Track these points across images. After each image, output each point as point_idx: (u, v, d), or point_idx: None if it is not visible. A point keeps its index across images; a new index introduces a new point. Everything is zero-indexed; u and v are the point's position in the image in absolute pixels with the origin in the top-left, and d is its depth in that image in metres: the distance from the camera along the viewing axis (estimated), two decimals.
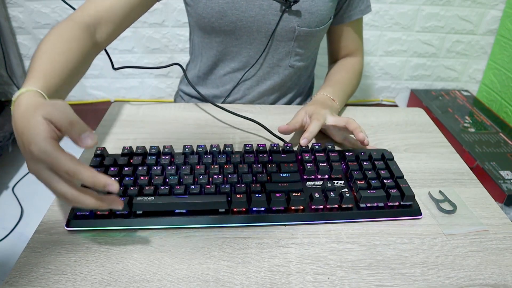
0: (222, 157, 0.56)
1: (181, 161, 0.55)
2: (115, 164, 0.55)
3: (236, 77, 0.82)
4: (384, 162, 0.58)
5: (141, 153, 0.57)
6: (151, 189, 0.50)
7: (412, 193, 0.52)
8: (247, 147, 0.59)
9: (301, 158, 0.57)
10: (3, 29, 1.44)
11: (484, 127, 1.45)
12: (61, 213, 0.51)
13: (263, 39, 0.76)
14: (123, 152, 0.57)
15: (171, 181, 0.52)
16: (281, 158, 0.57)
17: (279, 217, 0.50)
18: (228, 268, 0.45)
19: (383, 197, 0.52)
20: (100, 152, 0.57)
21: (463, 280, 0.45)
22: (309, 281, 0.44)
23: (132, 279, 0.43)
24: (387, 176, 0.55)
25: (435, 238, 0.50)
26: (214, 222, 0.50)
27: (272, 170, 0.54)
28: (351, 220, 0.52)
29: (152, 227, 0.49)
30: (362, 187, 0.53)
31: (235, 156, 0.56)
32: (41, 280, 0.42)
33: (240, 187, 0.51)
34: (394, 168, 0.56)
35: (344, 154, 0.59)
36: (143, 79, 1.63)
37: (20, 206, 1.38)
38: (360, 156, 0.58)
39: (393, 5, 1.49)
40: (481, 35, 1.58)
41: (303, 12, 0.73)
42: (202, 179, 0.52)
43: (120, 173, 0.54)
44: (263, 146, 0.59)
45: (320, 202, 0.51)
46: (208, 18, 0.73)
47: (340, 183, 0.55)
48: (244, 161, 0.56)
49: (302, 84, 0.90)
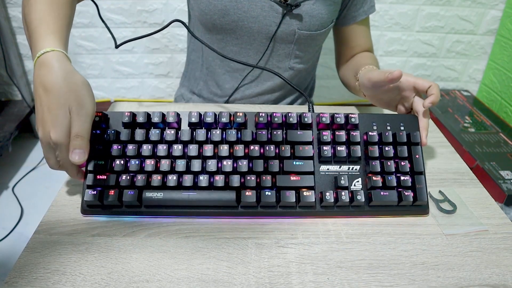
0: (232, 133, 0.52)
1: (188, 137, 0.52)
2: (117, 140, 0.52)
3: (236, 77, 0.82)
4: (408, 148, 0.54)
5: (143, 123, 0.53)
6: (159, 180, 0.50)
7: (426, 198, 0.52)
8: (260, 116, 0.53)
9: (319, 136, 0.53)
10: (3, 29, 1.44)
11: (484, 127, 1.45)
12: (61, 213, 0.51)
13: (263, 40, 0.76)
14: (124, 120, 0.53)
15: (178, 168, 0.51)
16: (296, 136, 0.53)
17: (287, 212, 0.51)
18: (227, 269, 0.45)
19: (395, 201, 0.51)
20: (97, 119, 0.52)
21: (463, 280, 0.44)
22: (309, 281, 0.44)
23: (132, 280, 0.43)
24: (406, 171, 0.52)
25: (434, 238, 0.50)
26: (222, 215, 0.51)
27: (285, 154, 0.52)
28: (358, 216, 0.52)
29: (162, 218, 0.51)
30: (376, 185, 0.51)
31: (246, 131, 0.53)
32: (41, 281, 0.42)
33: (250, 179, 0.50)
34: (416, 159, 0.53)
35: (367, 133, 0.54)
36: (143, 79, 1.63)
37: (20, 206, 1.38)
38: (384, 137, 0.54)
39: (393, 5, 1.49)
40: (481, 35, 1.58)
41: (304, 16, 0.73)
42: (211, 165, 0.51)
43: (124, 153, 0.51)
44: (278, 115, 0.54)
45: (330, 203, 0.51)
46: (210, 15, 0.73)
47: (355, 169, 0.53)
48: (256, 138, 0.53)
49: (303, 86, 0.90)
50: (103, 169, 0.51)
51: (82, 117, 0.46)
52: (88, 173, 0.51)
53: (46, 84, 0.46)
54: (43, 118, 0.46)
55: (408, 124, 0.56)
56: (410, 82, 0.58)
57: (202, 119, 0.54)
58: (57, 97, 0.46)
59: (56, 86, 0.46)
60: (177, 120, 0.54)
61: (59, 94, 0.46)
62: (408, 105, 0.62)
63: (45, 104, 0.46)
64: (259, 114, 0.54)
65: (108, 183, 0.50)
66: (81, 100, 0.47)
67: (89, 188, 0.50)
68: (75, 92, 0.47)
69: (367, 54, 0.84)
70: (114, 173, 0.51)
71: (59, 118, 0.45)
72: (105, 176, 0.50)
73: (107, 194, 0.50)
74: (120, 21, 1.47)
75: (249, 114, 0.55)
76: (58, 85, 0.46)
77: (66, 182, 0.56)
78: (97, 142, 0.52)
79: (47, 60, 0.47)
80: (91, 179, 0.50)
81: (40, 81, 0.47)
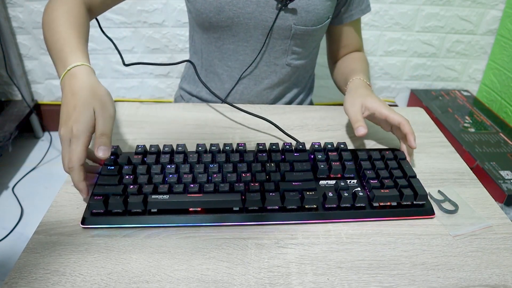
0: (236, 156, 0.56)
1: (195, 159, 0.56)
2: (129, 163, 0.56)
3: (234, 76, 0.82)
4: (396, 161, 0.58)
5: (154, 152, 0.57)
6: (165, 187, 0.51)
7: (425, 192, 0.52)
8: (260, 146, 0.59)
9: (314, 157, 0.58)
10: (3, 29, 1.44)
11: (484, 127, 1.45)
12: (61, 214, 0.51)
13: (259, 36, 0.76)
14: (137, 150, 0.57)
15: (185, 180, 0.52)
16: (294, 157, 0.57)
17: (292, 215, 0.51)
18: (227, 269, 0.45)
19: (396, 196, 0.52)
20: (113, 150, 0.57)
21: (463, 281, 0.44)
22: (309, 281, 0.44)
23: (132, 280, 0.43)
24: (400, 176, 0.55)
25: (434, 238, 0.50)
26: (228, 220, 0.50)
27: (285, 169, 0.55)
28: (364, 219, 0.52)
29: (167, 225, 0.50)
30: (375, 186, 0.53)
31: (249, 155, 0.57)
32: (40, 281, 0.42)
33: (254, 185, 0.52)
34: (406, 167, 0.56)
35: (356, 153, 0.60)
36: (143, 79, 1.63)
37: (20, 206, 1.38)
38: (373, 155, 0.58)
39: (393, 5, 1.49)
40: (481, 35, 1.58)
41: (300, 11, 0.73)
42: (217, 177, 0.53)
43: (134, 172, 0.54)
44: (276, 145, 0.59)
45: (333, 201, 0.51)
46: (206, 14, 0.74)
47: (353, 182, 0.55)
48: (258, 159, 0.57)
49: (302, 84, 0.90)
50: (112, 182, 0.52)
51: (106, 118, 0.50)
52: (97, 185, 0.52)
53: (74, 89, 0.51)
54: (67, 115, 0.49)
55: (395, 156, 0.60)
56: (383, 115, 0.62)
57: (208, 149, 0.58)
58: (83, 98, 0.50)
59: (84, 90, 0.51)
60: (185, 150, 0.58)
61: (86, 96, 0.50)
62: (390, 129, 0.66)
63: (71, 104, 0.49)
64: (259, 144, 0.59)
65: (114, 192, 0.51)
66: (104, 104, 0.51)
67: (95, 195, 0.50)
68: (99, 97, 0.51)
69: (357, 56, 0.86)
70: (122, 185, 0.52)
71: (83, 114, 0.48)
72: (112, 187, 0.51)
73: (113, 198, 0.49)
74: (120, 21, 1.47)
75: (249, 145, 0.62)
76: (86, 90, 0.51)
77: (66, 182, 0.56)
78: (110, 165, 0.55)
79: (77, 72, 0.53)
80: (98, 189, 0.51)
81: (69, 89, 0.51)
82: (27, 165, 1.57)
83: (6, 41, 1.46)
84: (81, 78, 0.52)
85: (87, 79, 0.52)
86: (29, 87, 1.63)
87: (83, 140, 0.47)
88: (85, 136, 0.48)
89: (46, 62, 1.58)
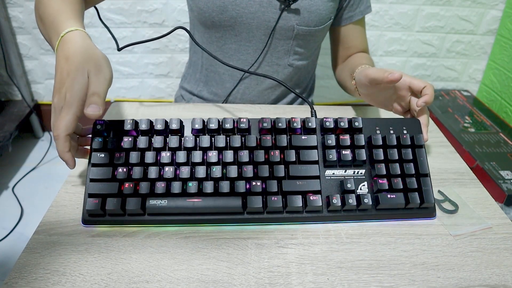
0: (236, 139, 0.52)
1: (192, 144, 0.52)
2: (119, 148, 0.51)
3: (236, 76, 0.82)
4: (412, 151, 0.54)
5: (146, 130, 0.52)
6: (163, 187, 0.49)
7: (432, 200, 0.51)
8: (264, 122, 0.53)
9: (323, 141, 0.53)
10: (3, 29, 1.44)
11: (484, 127, 1.45)
12: (61, 214, 0.51)
13: (262, 36, 0.76)
14: (126, 128, 0.52)
15: (183, 175, 0.50)
16: (301, 140, 0.52)
17: (293, 218, 0.50)
18: (227, 269, 0.45)
19: (402, 204, 0.51)
20: (99, 127, 0.52)
21: (463, 281, 0.44)
22: (309, 281, 0.44)
23: (132, 280, 0.43)
24: (411, 173, 0.52)
25: (435, 238, 0.50)
26: (228, 222, 0.50)
27: (290, 159, 0.51)
28: (365, 220, 0.52)
29: (166, 226, 0.50)
30: (383, 188, 0.51)
31: (251, 137, 0.52)
32: (40, 281, 0.42)
33: (256, 185, 0.50)
34: (421, 160, 0.53)
35: (370, 136, 0.54)
36: (143, 79, 1.63)
37: (20, 206, 1.38)
38: (388, 140, 0.54)
39: (393, 5, 1.49)
40: (481, 35, 1.58)
41: (302, 11, 0.73)
42: (216, 171, 0.50)
43: (127, 160, 0.51)
44: (282, 121, 0.54)
45: (337, 207, 0.50)
46: (208, 13, 0.74)
47: (361, 173, 0.53)
48: (261, 144, 0.52)
49: (303, 84, 0.90)
50: (105, 177, 0.50)
51: (100, 79, 0.47)
52: (90, 182, 0.50)
53: (68, 54, 0.48)
54: (61, 82, 0.46)
55: (411, 128, 0.56)
56: (406, 82, 0.58)
57: (206, 125, 0.53)
58: (77, 63, 0.47)
59: (78, 55, 0.48)
60: (180, 126, 0.53)
61: (80, 60, 0.47)
62: (404, 104, 0.62)
63: (65, 70, 0.47)
64: (263, 120, 0.53)
65: (110, 191, 0.49)
66: (100, 67, 0.48)
67: (91, 197, 0.49)
68: (94, 60, 0.48)
69: (363, 55, 0.84)
70: (117, 181, 0.49)
71: (77, 80, 0.46)
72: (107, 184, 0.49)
73: (110, 202, 0.48)
74: (120, 21, 1.47)
75: (253, 120, 0.55)
76: (80, 54, 0.48)
77: (66, 182, 0.56)
78: (99, 150, 0.51)
79: (71, 37, 0.50)
80: (93, 188, 0.49)
81: (63, 54, 0.48)
82: (27, 165, 1.57)
83: (6, 41, 1.46)
84: (75, 42, 0.49)
85: (81, 42, 0.49)
86: (29, 87, 1.63)
87: (74, 110, 0.45)
88: (77, 104, 0.45)
89: (46, 62, 1.58)
